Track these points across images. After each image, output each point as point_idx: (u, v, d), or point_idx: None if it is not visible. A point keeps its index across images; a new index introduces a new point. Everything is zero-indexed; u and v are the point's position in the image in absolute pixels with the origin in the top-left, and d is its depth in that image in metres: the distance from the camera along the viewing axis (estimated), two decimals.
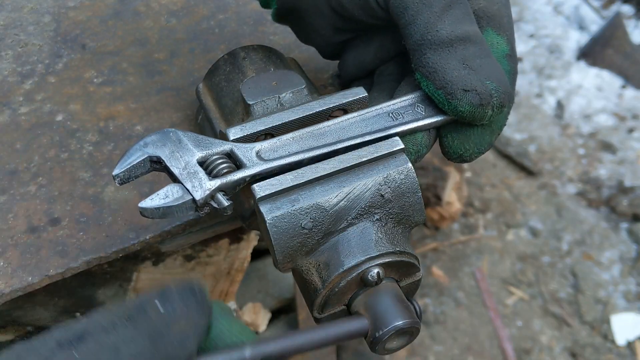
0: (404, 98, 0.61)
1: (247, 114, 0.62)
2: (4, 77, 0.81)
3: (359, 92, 0.61)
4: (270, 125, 0.58)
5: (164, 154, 0.55)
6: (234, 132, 0.58)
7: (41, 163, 0.73)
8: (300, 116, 0.59)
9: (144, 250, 0.80)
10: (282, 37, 0.86)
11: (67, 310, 0.86)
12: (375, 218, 0.57)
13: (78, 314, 0.87)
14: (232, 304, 1.06)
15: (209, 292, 0.93)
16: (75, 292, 0.84)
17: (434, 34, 0.57)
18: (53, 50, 0.84)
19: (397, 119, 0.60)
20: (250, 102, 0.62)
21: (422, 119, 0.60)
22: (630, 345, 1.75)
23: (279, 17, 0.69)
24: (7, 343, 0.86)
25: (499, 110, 0.59)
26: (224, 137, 0.59)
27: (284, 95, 0.63)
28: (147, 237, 0.68)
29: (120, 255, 0.68)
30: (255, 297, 1.29)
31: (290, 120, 0.59)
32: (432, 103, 0.61)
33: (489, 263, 1.90)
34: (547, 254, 1.92)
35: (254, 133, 0.58)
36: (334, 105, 0.60)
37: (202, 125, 0.70)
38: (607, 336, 1.76)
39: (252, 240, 0.96)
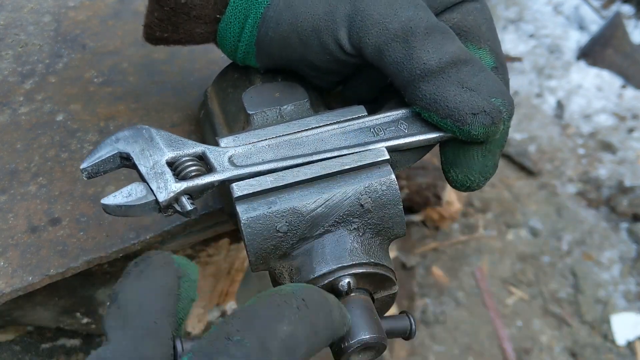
0: (388, 114, 0.59)
1: (247, 123, 0.62)
2: (4, 77, 0.81)
3: (358, 111, 0.60)
4: (263, 138, 0.57)
5: (134, 151, 0.54)
6: (226, 142, 0.57)
7: (41, 163, 0.73)
8: (295, 131, 0.58)
9: (144, 250, 0.80)
10: None
11: (67, 310, 0.86)
12: (352, 227, 0.56)
13: (78, 314, 0.87)
14: (232, 304, 1.06)
15: (208, 291, 0.94)
16: (75, 292, 0.84)
17: (422, 68, 0.55)
18: (53, 50, 0.84)
19: (378, 134, 0.58)
20: (251, 112, 0.61)
21: (404, 137, 0.58)
22: (630, 345, 1.76)
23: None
24: (7, 343, 0.86)
25: (508, 122, 0.58)
26: (216, 144, 0.58)
27: (285, 107, 0.61)
28: (147, 237, 0.68)
29: (121, 255, 0.68)
30: None
31: (284, 135, 0.58)
32: (416, 122, 0.59)
33: (489, 263, 1.90)
34: (547, 254, 1.92)
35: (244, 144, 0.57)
36: (331, 122, 0.59)
37: (203, 121, 0.70)
38: (607, 336, 1.76)
39: None
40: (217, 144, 0.58)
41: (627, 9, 2.60)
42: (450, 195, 1.87)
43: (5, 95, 0.79)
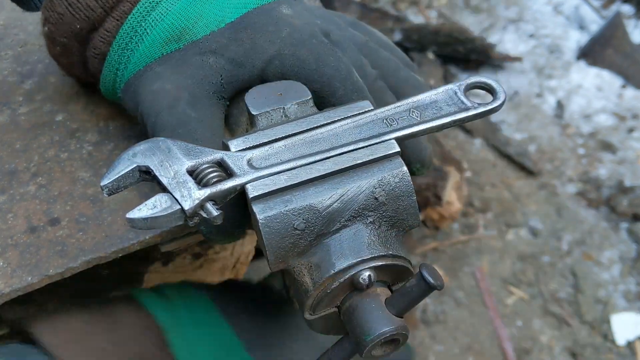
0: (399, 104, 0.60)
1: (251, 124, 0.62)
2: (3, 77, 0.81)
3: (365, 106, 0.61)
4: (273, 138, 0.58)
5: (152, 163, 0.54)
6: (237, 144, 0.57)
7: (41, 163, 0.73)
8: (305, 129, 0.59)
9: (144, 250, 0.80)
10: None
11: None
12: (368, 221, 0.56)
13: None
14: None
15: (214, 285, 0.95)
16: (86, 297, 0.84)
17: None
18: None
19: (391, 125, 0.59)
20: (255, 113, 0.61)
21: (418, 124, 0.59)
22: (630, 345, 1.75)
23: None
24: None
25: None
26: (226, 148, 0.58)
27: (289, 106, 0.62)
28: (147, 237, 0.68)
29: (120, 255, 0.68)
30: None
31: (295, 133, 0.58)
32: (427, 109, 0.60)
33: (489, 263, 1.90)
34: (547, 254, 1.92)
35: (257, 146, 0.58)
36: (339, 118, 0.60)
37: None
38: (607, 336, 1.76)
39: (255, 234, 0.98)
40: (225, 148, 0.58)
41: (627, 9, 2.60)
42: (451, 195, 1.87)
43: (4, 95, 0.79)
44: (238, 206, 0.58)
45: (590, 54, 2.40)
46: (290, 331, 0.81)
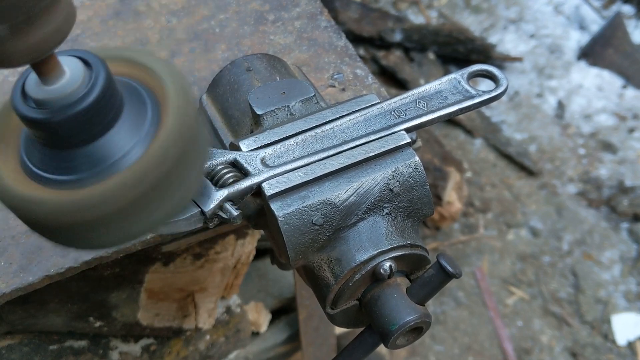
0: (405, 95, 0.61)
1: (256, 124, 0.62)
2: (4, 77, 0.81)
3: (372, 99, 0.61)
4: (284, 136, 0.58)
5: None
6: (248, 144, 0.58)
7: None
8: (314, 125, 0.59)
9: (144, 250, 0.80)
10: (282, 37, 0.87)
11: (81, 315, 0.86)
12: (385, 212, 0.57)
13: (91, 318, 0.87)
14: (236, 298, 1.07)
15: (217, 286, 0.95)
16: (88, 297, 0.84)
17: None
18: None
19: (400, 116, 0.60)
20: (260, 113, 0.61)
21: (425, 114, 0.60)
22: (630, 345, 1.75)
23: None
24: (17, 345, 0.86)
25: None
26: (235, 148, 0.58)
27: (293, 104, 0.62)
28: (148, 237, 0.68)
29: (121, 255, 0.68)
30: (256, 296, 1.29)
31: (305, 130, 0.59)
32: (433, 99, 0.61)
33: (489, 263, 1.90)
34: (547, 254, 1.92)
35: (268, 144, 0.58)
36: (347, 113, 0.60)
37: None
38: (608, 336, 1.76)
39: (256, 234, 0.97)
40: (234, 148, 0.58)
41: (628, 9, 2.60)
42: (451, 195, 1.87)
43: (5, 95, 0.79)
44: None
45: (591, 54, 2.40)
46: None
